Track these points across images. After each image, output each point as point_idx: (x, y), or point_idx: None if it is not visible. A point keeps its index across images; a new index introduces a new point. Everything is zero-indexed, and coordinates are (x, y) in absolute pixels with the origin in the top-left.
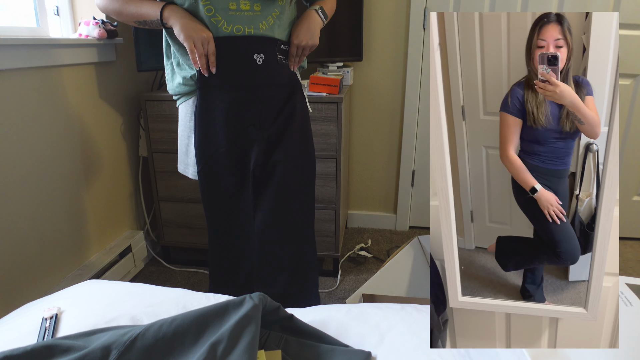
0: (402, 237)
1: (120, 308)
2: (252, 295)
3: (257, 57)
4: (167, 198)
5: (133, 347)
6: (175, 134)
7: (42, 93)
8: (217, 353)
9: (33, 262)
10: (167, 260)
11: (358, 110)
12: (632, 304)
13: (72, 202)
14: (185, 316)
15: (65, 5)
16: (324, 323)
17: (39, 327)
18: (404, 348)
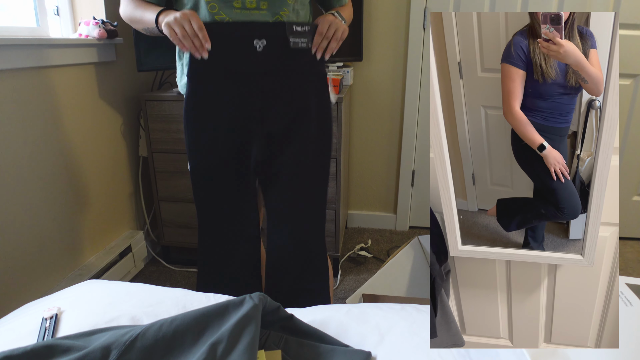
0: (402, 237)
1: (120, 308)
2: (252, 295)
3: (258, 43)
4: (167, 198)
5: (133, 347)
6: (176, 134)
7: (42, 93)
8: (217, 353)
9: (33, 262)
10: (167, 260)
11: (358, 110)
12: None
13: (72, 202)
14: (185, 316)
15: (65, 5)
16: (324, 323)
17: (39, 327)
18: (404, 348)
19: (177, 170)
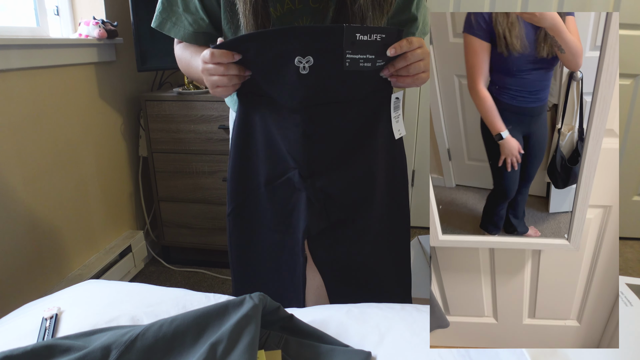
0: None
1: (120, 308)
2: (252, 295)
3: (301, 63)
4: (167, 198)
5: (133, 347)
6: (175, 134)
7: (42, 93)
8: (217, 353)
9: (33, 262)
10: (167, 260)
11: None
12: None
13: (72, 202)
14: (185, 316)
15: (65, 5)
16: (324, 323)
17: (39, 327)
18: (404, 348)
19: (177, 170)
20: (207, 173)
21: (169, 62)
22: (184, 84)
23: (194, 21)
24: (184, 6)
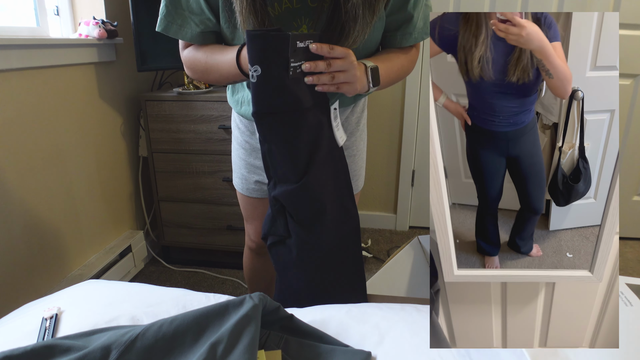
0: (402, 237)
1: (120, 308)
2: (252, 295)
3: (252, 71)
4: (167, 198)
5: (133, 347)
6: (175, 134)
7: (42, 93)
8: (217, 353)
9: (33, 262)
10: (167, 260)
11: None
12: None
13: (72, 202)
14: (185, 316)
15: (65, 5)
16: (324, 323)
17: (39, 327)
18: (404, 348)
19: (177, 170)
20: (207, 173)
21: (169, 62)
22: (184, 84)
23: (201, 22)
24: (188, 8)
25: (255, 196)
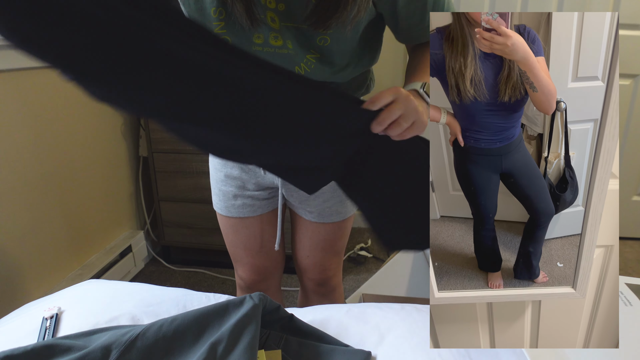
0: None
1: (120, 308)
2: (252, 295)
3: None
4: (167, 198)
5: (133, 347)
6: None
7: (43, 93)
8: (217, 353)
9: (33, 262)
10: (167, 260)
11: None
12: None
13: (72, 202)
14: (185, 316)
15: None
16: (324, 323)
17: (39, 327)
18: (404, 348)
19: (177, 170)
20: (207, 173)
21: None
22: None
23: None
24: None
25: (236, 215)
